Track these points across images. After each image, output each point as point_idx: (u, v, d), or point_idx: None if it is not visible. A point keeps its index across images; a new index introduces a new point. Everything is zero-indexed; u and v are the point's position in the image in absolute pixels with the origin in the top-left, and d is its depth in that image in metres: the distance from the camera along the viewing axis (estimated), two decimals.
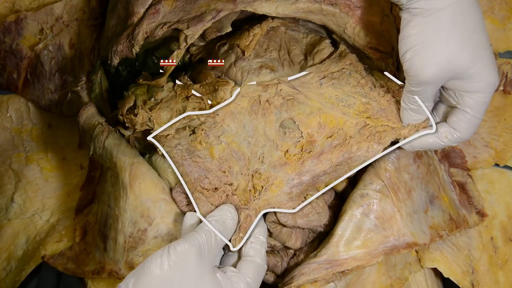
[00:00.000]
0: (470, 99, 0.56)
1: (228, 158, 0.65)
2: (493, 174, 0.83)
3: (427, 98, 0.58)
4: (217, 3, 0.69)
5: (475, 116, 0.57)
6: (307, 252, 0.74)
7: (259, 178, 0.63)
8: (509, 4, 0.83)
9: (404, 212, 0.70)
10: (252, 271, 0.57)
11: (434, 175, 0.73)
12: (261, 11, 0.69)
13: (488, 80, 0.55)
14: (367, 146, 0.64)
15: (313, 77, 0.67)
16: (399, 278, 0.74)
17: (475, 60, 0.54)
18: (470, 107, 0.57)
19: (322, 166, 0.64)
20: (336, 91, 0.66)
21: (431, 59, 0.53)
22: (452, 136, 0.60)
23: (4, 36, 0.87)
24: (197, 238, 0.53)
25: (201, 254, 0.52)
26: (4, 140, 0.87)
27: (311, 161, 0.64)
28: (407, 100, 0.60)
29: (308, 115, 0.65)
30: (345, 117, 0.64)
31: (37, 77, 0.87)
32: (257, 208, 0.62)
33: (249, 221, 0.62)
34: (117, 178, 0.72)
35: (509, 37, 0.83)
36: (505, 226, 0.81)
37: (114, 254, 0.72)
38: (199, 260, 0.51)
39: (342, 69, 0.68)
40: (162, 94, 0.71)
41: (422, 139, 0.62)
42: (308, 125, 0.65)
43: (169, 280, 0.49)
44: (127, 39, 0.70)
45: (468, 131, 0.59)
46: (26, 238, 0.82)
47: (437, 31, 0.53)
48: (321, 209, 0.70)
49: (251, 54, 0.71)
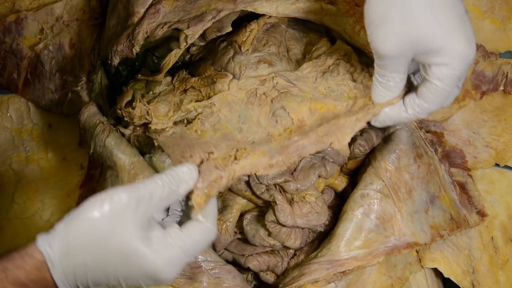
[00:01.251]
0: (439, 71, 0.54)
1: (217, 139, 0.63)
2: (494, 174, 0.83)
3: (395, 71, 0.56)
4: (217, 3, 0.69)
5: (445, 89, 0.55)
6: (308, 252, 0.74)
7: (242, 151, 0.60)
8: (509, 4, 0.83)
9: (404, 212, 0.70)
10: (197, 235, 0.51)
11: (435, 175, 0.73)
12: (261, 10, 0.69)
13: (457, 52, 0.52)
14: (355, 118, 0.61)
15: (310, 71, 0.67)
16: (399, 278, 0.74)
17: (443, 32, 0.52)
18: (438, 79, 0.54)
19: (308, 138, 0.61)
20: (328, 83, 0.66)
21: (391, 32, 0.52)
22: (420, 107, 0.57)
23: (4, 36, 0.87)
24: (138, 189, 0.49)
25: (138, 206, 0.48)
26: (4, 140, 0.87)
27: (297, 136, 0.61)
28: (376, 74, 0.58)
29: (299, 103, 0.64)
30: (336, 103, 0.63)
31: (37, 77, 0.87)
32: (231, 172, 0.57)
33: (219, 182, 0.56)
34: (117, 177, 0.72)
35: (509, 37, 0.83)
36: (506, 226, 0.81)
37: None
38: (133, 212, 0.47)
39: (337, 59, 0.67)
40: (160, 87, 0.71)
41: (392, 112, 0.59)
42: (298, 112, 0.63)
43: (98, 227, 0.47)
44: (127, 39, 0.70)
45: (436, 102, 0.56)
46: (26, 238, 0.82)
47: (400, 2, 0.51)
48: (320, 208, 0.70)
49: (249, 49, 0.71)
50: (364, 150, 0.72)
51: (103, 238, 0.47)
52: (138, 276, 0.48)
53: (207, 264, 0.69)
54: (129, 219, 0.47)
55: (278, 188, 0.70)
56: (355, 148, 0.73)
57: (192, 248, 0.51)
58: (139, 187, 0.49)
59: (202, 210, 0.52)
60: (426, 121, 0.77)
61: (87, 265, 0.47)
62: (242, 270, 0.75)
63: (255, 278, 0.78)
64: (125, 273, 0.48)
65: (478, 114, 0.82)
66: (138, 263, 0.48)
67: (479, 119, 0.82)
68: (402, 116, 0.59)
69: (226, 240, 0.72)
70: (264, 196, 0.70)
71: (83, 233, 0.47)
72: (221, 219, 0.73)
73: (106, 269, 0.47)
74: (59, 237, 0.47)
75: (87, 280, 0.48)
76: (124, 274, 0.48)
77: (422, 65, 0.55)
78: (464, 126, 0.81)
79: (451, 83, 0.54)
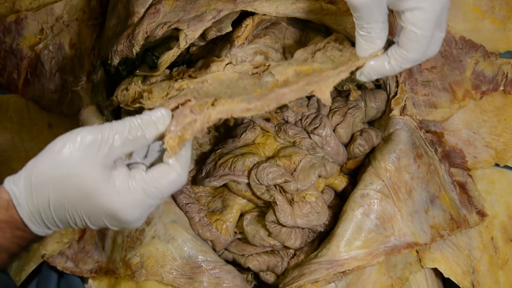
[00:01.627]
0: (413, 16, 0.54)
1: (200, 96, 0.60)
2: (494, 174, 0.82)
3: (373, 21, 0.56)
4: (217, 3, 0.69)
5: (423, 34, 0.55)
6: (308, 252, 0.74)
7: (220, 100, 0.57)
8: (509, 4, 0.83)
9: (404, 212, 0.70)
10: (163, 178, 0.50)
11: (435, 175, 0.73)
12: (261, 10, 0.69)
13: None
14: (339, 70, 0.60)
15: (301, 55, 0.66)
16: (399, 278, 0.74)
17: None
18: (413, 24, 0.54)
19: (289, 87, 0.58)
20: (316, 59, 0.64)
21: None
22: (402, 57, 0.57)
23: (4, 36, 0.87)
24: (103, 130, 0.48)
25: (101, 146, 0.47)
26: (4, 140, 0.87)
27: (279, 88, 0.59)
28: (357, 28, 0.57)
29: (286, 68, 0.62)
30: (323, 65, 0.62)
31: (37, 77, 0.87)
32: (206, 115, 0.54)
33: (193, 125, 0.53)
34: None
35: (509, 37, 0.83)
36: (506, 226, 0.81)
37: (112, 254, 0.72)
38: (96, 152, 0.47)
39: (328, 42, 0.66)
40: (158, 78, 0.70)
41: (376, 65, 0.59)
42: (284, 74, 0.62)
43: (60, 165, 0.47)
44: (127, 39, 0.70)
45: (417, 50, 0.56)
46: None
47: None
48: (320, 208, 0.70)
49: (244, 42, 0.71)
50: (364, 150, 0.73)
51: (64, 176, 0.47)
52: (100, 215, 0.49)
53: (207, 264, 0.69)
54: (91, 159, 0.47)
55: (278, 188, 0.70)
56: (355, 148, 0.73)
57: (157, 191, 0.50)
58: (105, 128, 0.48)
59: (175, 154, 0.50)
60: (426, 121, 0.77)
61: (50, 202, 0.47)
62: (242, 270, 0.75)
63: (255, 278, 0.78)
64: (86, 212, 0.48)
65: (478, 114, 0.82)
66: (98, 202, 0.48)
67: (479, 119, 0.82)
68: (386, 68, 0.58)
69: (226, 240, 0.72)
70: (264, 197, 0.70)
71: (45, 171, 0.47)
72: (221, 219, 0.73)
73: (68, 207, 0.48)
74: (24, 176, 0.48)
75: (52, 217, 0.48)
76: (85, 213, 0.48)
77: (397, 13, 0.55)
78: (464, 126, 0.81)
79: (427, 28, 0.54)
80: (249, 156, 0.71)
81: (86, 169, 0.47)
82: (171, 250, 0.69)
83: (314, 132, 0.73)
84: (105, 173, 0.48)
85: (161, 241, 0.69)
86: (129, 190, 0.49)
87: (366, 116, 0.76)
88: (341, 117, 0.74)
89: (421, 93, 0.76)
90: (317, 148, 0.72)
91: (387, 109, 0.76)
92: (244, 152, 0.72)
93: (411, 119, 0.74)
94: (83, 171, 0.47)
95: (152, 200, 0.50)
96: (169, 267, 0.69)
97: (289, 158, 0.71)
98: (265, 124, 0.75)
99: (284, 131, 0.73)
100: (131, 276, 0.70)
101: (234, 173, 0.70)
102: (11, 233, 0.49)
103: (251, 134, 0.74)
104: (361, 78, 0.61)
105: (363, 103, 0.76)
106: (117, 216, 0.49)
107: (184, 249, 0.69)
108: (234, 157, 0.71)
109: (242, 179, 0.70)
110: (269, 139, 0.74)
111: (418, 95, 0.76)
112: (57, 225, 0.50)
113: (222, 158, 0.72)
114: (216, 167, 0.72)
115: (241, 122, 0.76)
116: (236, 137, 0.74)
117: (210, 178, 0.71)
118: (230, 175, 0.70)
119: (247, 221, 0.73)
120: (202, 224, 0.72)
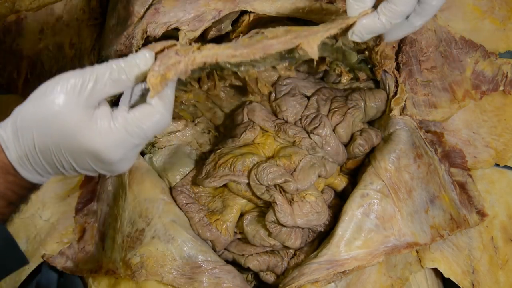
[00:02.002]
0: None
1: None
2: (494, 174, 0.82)
3: None
4: (218, 3, 0.69)
5: None
6: (308, 252, 0.74)
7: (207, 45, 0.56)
8: (509, 4, 0.83)
9: (404, 212, 0.70)
10: (146, 117, 0.50)
11: (435, 175, 0.73)
12: (261, 10, 0.69)
13: None
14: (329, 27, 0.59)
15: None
16: (399, 278, 0.74)
17: None
18: None
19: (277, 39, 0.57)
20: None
21: None
22: (391, 11, 0.56)
23: (4, 36, 0.87)
24: (85, 72, 0.49)
25: (83, 88, 0.48)
26: None
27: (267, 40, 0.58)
28: None
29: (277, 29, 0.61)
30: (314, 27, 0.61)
31: (37, 77, 0.87)
32: (192, 58, 0.53)
33: (176, 66, 0.52)
34: (117, 177, 0.72)
35: (509, 37, 0.83)
36: (506, 226, 0.80)
37: (112, 253, 0.72)
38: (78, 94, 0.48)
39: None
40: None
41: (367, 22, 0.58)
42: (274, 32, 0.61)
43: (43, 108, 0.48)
44: (127, 39, 0.70)
45: (406, 2, 0.55)
46: (26, 238, 0.82)
47: None
48: (320, 208, 0.70)
49: (238, 36, 0.71)
50: (363, 149, 0.73)
51: (47, 117, 0.48)
52: (83, 156, 0.49)
53: (207, 264, 0.69)
54: (73, 100, 0.48)
55: (278, 188, 0.70)
56: (354, 148, 0.73)
57: (139, 130, 0.50)
58: (87, 71, 0.49)
59: (158, 94, 0.50)
60: (426, 121, 0.77)
61: (36, 144, 0.48)
62: (242, 270, 0.75)
63: (255, 278, 0.78)
64: (70, 153, 0.49)
65: (478, 114, 0.82)
66: (80, 141, 0.48)
67: (479, 119, 0.82)
68: (377, 25, 0.58)
69: (226, 240, 0.72)
70: (264, 197, 0.70)
71: (30, 114, 0.48)
72: (221, 219, 0.73)
73: (53, 148, 0.49)
74: (11, 121, 0.49)
75: (40, 160, 0.49)
76: (70, 154, 0.49)
77: None
78: (464, 126, 0.81)
79: None
80: (249, 156, 0.71)
81: (67, 110, 0.48)
82: (171, 250, 0.69)
83: (313, 132, 0.73)
84: (87, 114, 0.48)
85: (161, 241, 0.69)
86: (110, 129, 0.49)
87: (366, 116, 0.76)
88: (341, 117, 0.74)
89: (421, 93, 0.76)
90: (317, 148, 0.72)
91: (387, 109, 0.76)
92: (244, 152, 0.72)
93: (411, 119, 0.74)
94: (64, 112, 0.48)
95: (135, 139, 0.50)
96: (169, 267, 0.69)
97: (289, 158, 0.71)
98: (265, 124, 0.75)
99: (284, 131, 0.73)
100: (131, 276, 0.70)
101: (234, 173, 0.70)
102: (4, 178, 0.50)
103: (251, 134, 0.74)
104: (353, 37, 0.60)
105: (362, 103, 0.76)
106: (99, 155, 0.49)
107: (184, 249, 0.69)
108: (234, 157, 0.71)
109: (242, 179, 0.70)
110: (268, 139, 0.74)
111: (418, 95, 0.76)
112: (46, 169, 0.50)
113: (222, 158, 0.72)
114: (216, 168, 0.72)
115: (241, 122, 0.76)
116: (236, 137, 0.74)
117: (210, 178, 0.71)
118: (230, 175, 0.70)
119: (247, 221, 0.73)
120: (202, 224, 0.72)
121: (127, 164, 0.52)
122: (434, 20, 0.78)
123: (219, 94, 0.79)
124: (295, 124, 0.74)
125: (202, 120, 0.81)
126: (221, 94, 0.80)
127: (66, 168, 0.50)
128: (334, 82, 0.81)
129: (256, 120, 0.75)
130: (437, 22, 0.78)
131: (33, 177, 0.51)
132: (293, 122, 0.75)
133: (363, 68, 0.76)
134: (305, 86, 0.76)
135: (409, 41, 0.75)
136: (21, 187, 0.51)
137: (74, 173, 0.51)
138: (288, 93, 0.75)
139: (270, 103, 0.76)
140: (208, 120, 0.81)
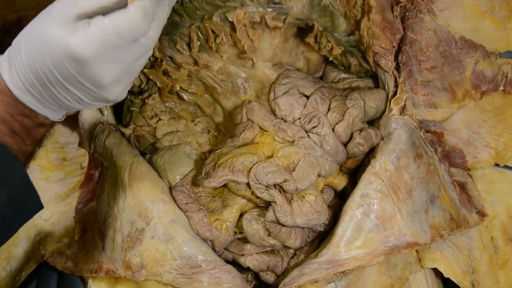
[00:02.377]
0: None
1: None
2: (493, 174, 0.82)
3: None
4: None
5: None
6: (308, 252, 0.74)
7: None
8: (509, 4, 0.83)
9: (404, 211, 0.70)
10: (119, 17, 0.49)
11: (435, 174, 0.73)
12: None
13: None
14: None
15: None
16: (399, 278, 0.74)
17: None
18: None
19: None
20: None
21: None
22: None
23: (4, 36, 0.87)
24: None
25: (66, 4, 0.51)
26: None
27: None
28: None
29: None
30: None
31: None
32: None
33: None
34: (117, 177, 0.72)
35: (509, 37, 0.83)
36: (506, 226, 0.80)
37: (112, 253, 0.72)
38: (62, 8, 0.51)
39: None
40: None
41: None
42: None
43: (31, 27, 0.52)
44: None
45: None
46: (26, 238, 0.82)
47: None
48: (320, 208, 0.70)
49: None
50: (363, 149, 0.73)
51: (31, 34, 0.51)
52: (62, 61, 0.50)
53: (207, 264, 0.69)
54: (54, 13, 0.51)
55: (278, 188, 0.70)
56: (354, 147, 0.73)
57: (112, 26, 0.49)
58: None
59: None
60: (426, 121, 0.76)
61: (23, 57, 0.51)
62: (242, 270, 0.75)
63: (255, 278, 0.78)
64: (51, 59, 0.50)
65: (478, 114, 0.82)
66: (57, 45, 0.49)
67: (479, 119, 0.82)
68: None
69: (226, 240, 0.72)
70: (264, 196, 0.70)
71: (20, 36, 0.52)
72: (220, 219, 0.73)
73: (36, 58, 0.50)
74: (7, 50, 0.53)
75: (28, 75, 0.51)
76: (50, 61, 0.50)
77: None
78: (464, 126, 0.81)
79: None
80: (248, 156, 0.71)
81: (46, 22, 0.50)
82: (170, 250, 0.69)
83: (312, 131, 0.73)
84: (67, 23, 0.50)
85: (161, 241, 0.69)
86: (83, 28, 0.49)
87: (365, 115, 0.76)
88: (340, 116, 0.74)
89: (421, 93, 0.76)
90: (316, 147, 0.72)
91: (387, 109, 0.76)
92: (243, 152, 0.72)
93: (411, 119, 0.74)
94: (44, 23, 0.50)
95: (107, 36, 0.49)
96: (169, 267, 0.69)
97: (288, 158, 0.71)
98: (264, 123, 0.74)
99: (283, 130, 0.73)
100: (131, 276, 0.70)
101: (234, 173, 0.70)
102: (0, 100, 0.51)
103: (250, 134, 0.74)
104: None
105: (362, 102, 0.76)
106: (74, 55, 0.49)
107: (184, 249, 0.69)
108: (233, 157, 0.71)
109: (241, 179, 0.70)
110: (268, 138, 0.74)
111: (418, 95, 0.76)
112: (35, 86, 0.51)
113: (221, 158, 0.72)
114: (215, 168, 0.72)
115: (240, 122, 0.76)
116: (235, 137, 0.74)
117: (209, 179, 0.71)
118: (230, 175, 0.70)
119: (247, 221, 0.73)
120: (201, 224, 0.72)
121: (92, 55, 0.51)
122: (434, 20, 0.78)
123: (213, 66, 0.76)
124: (294, 123, 0.74)
125: (202, 120, 0.81)
126: (218, 88, 0.77)
127: (52, 81, 0.51)
128: (333, 81, 0.81)
129: (255, 119, 0.74)
130: (437, 22, 0.78)
131: (27, 99, 0.52)
132: (292, 122, 0.75)
133: (355, 53, 0.75)
134: (304, 85, 0.76)
135: (409, 41, 0.75)
136: (20, 112, 0.52)
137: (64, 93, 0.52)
138: (287, 92, 0.75)
139: (269, 102, 0.76)
140: (208, 117, 0.81)
